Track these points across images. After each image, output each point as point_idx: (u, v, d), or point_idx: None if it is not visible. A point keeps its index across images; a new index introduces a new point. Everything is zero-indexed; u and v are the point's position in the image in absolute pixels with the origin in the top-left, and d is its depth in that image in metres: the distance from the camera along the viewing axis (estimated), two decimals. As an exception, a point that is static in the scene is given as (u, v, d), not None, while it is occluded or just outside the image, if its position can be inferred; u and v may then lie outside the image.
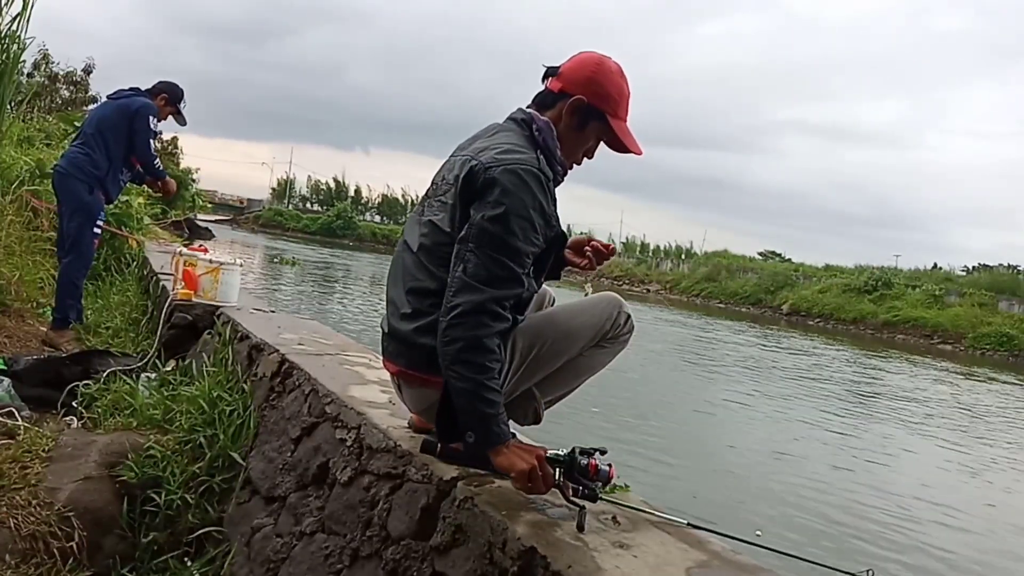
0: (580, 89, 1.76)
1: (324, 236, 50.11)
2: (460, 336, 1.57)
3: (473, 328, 1.57)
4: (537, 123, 1.76)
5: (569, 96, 1.76)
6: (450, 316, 1.58)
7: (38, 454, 2.54)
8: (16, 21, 4.85)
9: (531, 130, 1.76)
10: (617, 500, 1.74)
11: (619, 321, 1.82)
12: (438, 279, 1.70)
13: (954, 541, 5.45)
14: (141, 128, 4.58)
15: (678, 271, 40.68)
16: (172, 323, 3.76)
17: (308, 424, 2.35)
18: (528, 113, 1.80)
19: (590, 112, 1.76)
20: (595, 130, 1.80)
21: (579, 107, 1.76)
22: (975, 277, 32.62)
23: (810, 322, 29.61)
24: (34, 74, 16.76)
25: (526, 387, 1.79)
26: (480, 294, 1.58)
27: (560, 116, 1.78)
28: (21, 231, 5.93)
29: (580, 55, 1.82)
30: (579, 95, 1.75)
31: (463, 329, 1.57)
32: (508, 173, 1.61)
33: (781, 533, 4.89)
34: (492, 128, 1.82)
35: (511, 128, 1.78)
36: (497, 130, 1.79)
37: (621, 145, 1.82)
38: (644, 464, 6.00)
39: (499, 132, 1.77)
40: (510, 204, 1.60)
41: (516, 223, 1.60)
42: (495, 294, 1.59)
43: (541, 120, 1.77)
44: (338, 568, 1.91)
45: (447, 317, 1.59)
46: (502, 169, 1.62)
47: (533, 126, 1.76)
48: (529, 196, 1.62)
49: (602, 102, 1.76)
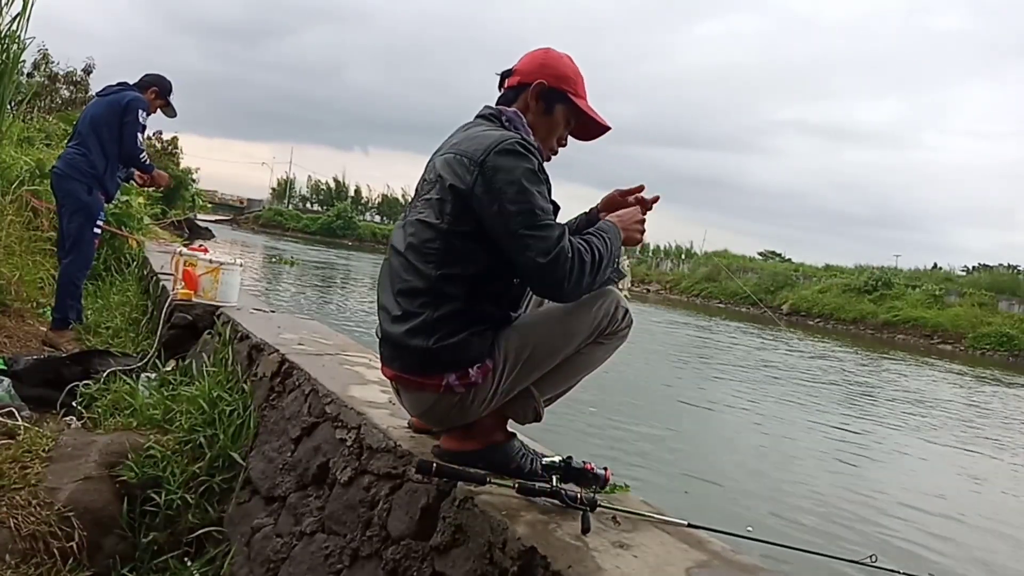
0: (538, 75, 1.84)
1: (324, 236, 50.10)
2: (565, 275, 1.62)
3: (564, 263, 1.61)
4: (506, 114, 1.84)
5: (529, 85, 1.84)
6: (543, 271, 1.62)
7: (38, 454, 2.53)
8: (16, 21, 4.86)
9: (501, 121, 1.83)
10: (617, 501, 1.74)
11: (617, 316, 1.82)
12: (426, 277, 1.71)
13: (955, 538, 5.45)
14: (130, 121, 4.59)
15: (678, 271, 40.68)
16: (172, 323, 3.76)
17: (308, 424, 2.35)
18: (495, 108, 1.87)
19: (553, 94, 1.84)
20: (562, 112, 1.87)
21: (542, 91, 1.84)
22: (975, 277, 32.60)
23: (810, 322, 29.59)
24: (34, 74, 16.73)
25: (524, 385, 1.79)
26: (546, 242, 1.61)
27: (527, 105, 1.86)
28: (21, 231, 5.93)
29: (527, 53, 1.91)
30: (539, 80, 1.83)
31: (561, 270, 1.61)
32: (499, 155, 1.66)
33: (782, 529, 4.89)
34: (464, 126, 1.87)
35: (481, 123, 1.84)
36: (469, 127, 1.85)
37: (590, 128, 1.92)
38: (644, 464, 6.00)
39: (471, 128, 1.83)
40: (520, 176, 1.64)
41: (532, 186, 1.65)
42: (553, 234, 1.63)
43: (509, 111, 1.84)
44: (338, 568, 1.91)
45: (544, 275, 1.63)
46: (493, 154, 1.67)
47: (502, 117, 1.83)
48: (526, 162, 1.67)
49: (562, 82, 1.85)
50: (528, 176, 1.65)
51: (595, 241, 1.71)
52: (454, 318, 1.70)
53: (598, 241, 1.72)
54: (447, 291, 1.70)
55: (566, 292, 1.67)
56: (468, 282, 1.71)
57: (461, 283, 1.70)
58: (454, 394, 1.72)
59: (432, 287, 1.70)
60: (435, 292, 1.70)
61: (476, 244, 1.70)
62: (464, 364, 1.70)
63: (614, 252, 1.76)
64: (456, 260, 1.70)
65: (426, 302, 1.70)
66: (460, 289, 1.70)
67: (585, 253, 1.66)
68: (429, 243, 1.72)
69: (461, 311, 1.70)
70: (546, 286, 1.69)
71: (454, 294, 1.70)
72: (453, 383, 1.71)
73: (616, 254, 1.78)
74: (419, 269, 1.73)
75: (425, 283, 1.71)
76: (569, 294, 1.68)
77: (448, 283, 1.70)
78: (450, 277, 1.70)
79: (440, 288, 1.70)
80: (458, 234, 1.70)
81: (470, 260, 1.71)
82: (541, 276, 1.64)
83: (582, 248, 1.67)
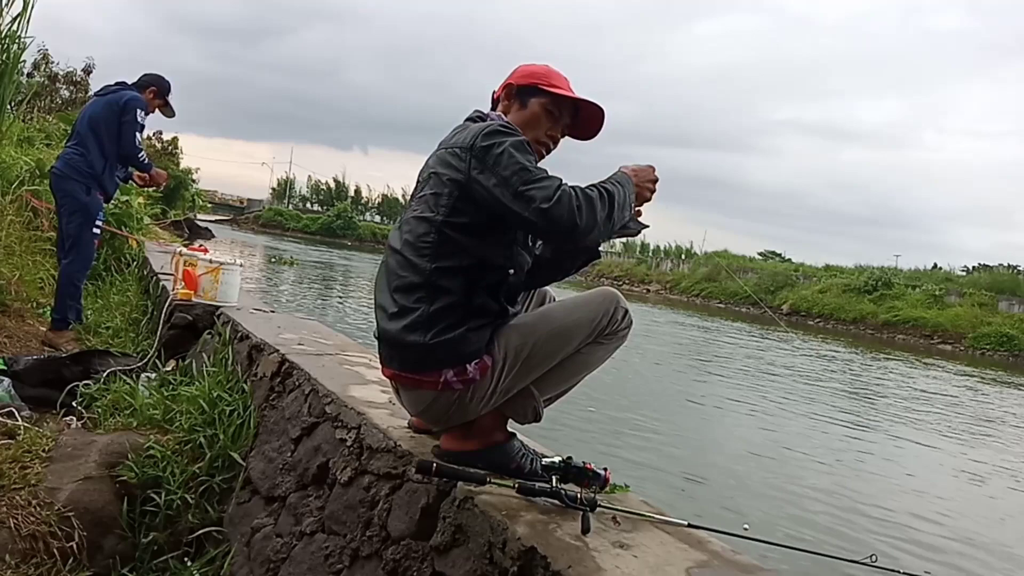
0: (508, 81, 1.96)
1: (324, 236, 50.09)
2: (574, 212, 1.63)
3: (570, 201, 1.63)
4: (490, 116, 1.90)
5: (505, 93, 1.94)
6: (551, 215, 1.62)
7: (38, 454, 2.54)
8: (16, 21, 4.86)
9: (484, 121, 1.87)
10: (617, 501, 1.74)
11: (616, 316, 1.82)
12: (422, 271, 1.72)
13: (956, 538, 5.45)
14: (128, 120, 4.60)
15: (678, 271, 40.66)
16: (172, 323, 3.76)
17: (308, 424, 2.35)
18: (481, 112, 1.94)
19: (524, 89, 1.92)
20: (539, 104, 1.91)
21: (512, 91, 1.93)
22: (975, 277, 32.58)
23: (810, 322, 29.58)
24: (34, 74, 16.72)
25: (524, 384, 1.79)
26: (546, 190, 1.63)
27: (506, 109, 1.93)
28: (21, 231, 5.93)
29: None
30: (508, 83, 1.95)
31: (568, 208, 1.62)
32: (487, 136, 1.72)
33: (783, 529, 4.89)
34: (454, 130, 1.91)
35: (468, 125, 1.88)
36: (458, 129, 1.89)
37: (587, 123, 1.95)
38: (644, 463, 6.00)
39: (460, 130, 1.87)
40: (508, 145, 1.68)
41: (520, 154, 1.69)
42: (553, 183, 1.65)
43: (493, 113, 1.92)
44: (338, 568, 1.91)
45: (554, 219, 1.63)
46: (481, 136, 1.72)
47: (487, 119, 1.88)
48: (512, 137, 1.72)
49: (530, 78, 1.92)
50: (516, 145, 1.70)
51: (604, 184, 1.74)
52: (451, 312, 1.70)
53: (607, 184, 1.74)
54: (443, 284, 1.71)
55: (581, 229, 1.65)
56: (464, 274, 1.72)
57: (457, 275, 1.71)
58: (452, 391, 1.73)
59: (428, 281, 1.71)
60: (431, 286, 1.71)
61: (470, 236, 1.72)
62: (462, 360, 1.71)
63: (627, 197, 1.76)
64: (451, 252, 1.72)
65: (422, 296, 1.71)
66: (456, 282, 1.71)
67: (591, 191, 1.68)
68: (424, 237, 1.74)
69: (458, 304, 1.71)
70: (559, 230, 1.65)
71: (450, 287, 1.71)
72: (451, 379, 1.71)
73: (630, 200, 1.78)
74: (415, 264, 1.74)
75: (421, 277, 1.72)
76: (586, 231, 1.66)
77: (444, 276, 1.71)
78: (445, 270, 1.71)
79: (436, 281, 1.71)
80: (453, 225, 1.72)
81: (465, 252, 1.72)
82: (549, 220, 1.63)
83: (587, 190, 1.69)
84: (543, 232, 1.76)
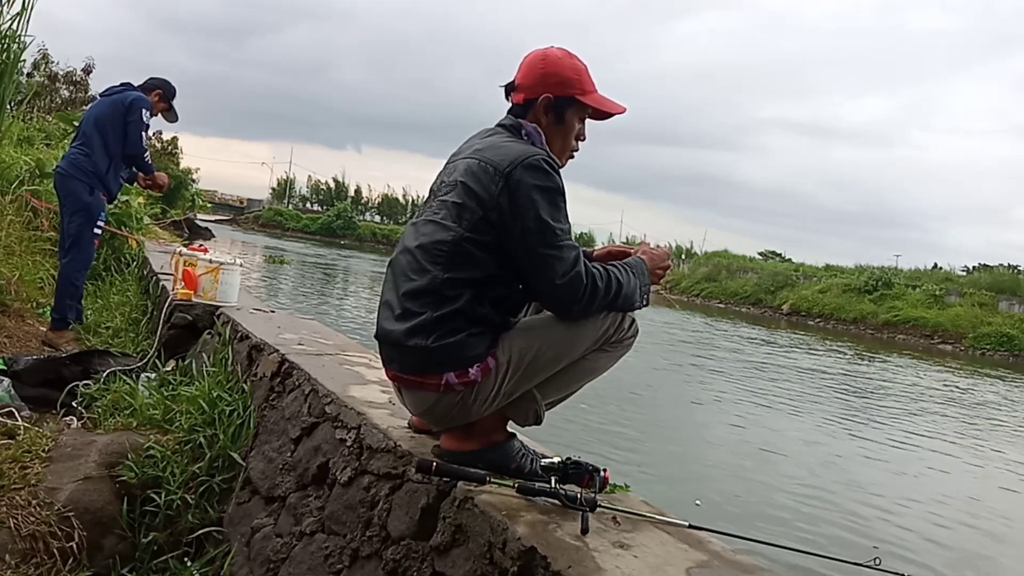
0: (541, 89, 1.84)
1: (324, 236, 50.07)
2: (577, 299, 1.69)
3: (578, 287, 1.69)
4: (526, 128, 1.85)
5: (535, 100, 1.85)
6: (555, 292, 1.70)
7: (38, 454, 2.53)
8: (16, 21, 4.85)
9: (520, 134, 1.84)
10: (617, 501, 1.74)
11: (623, 325, 1.82)
12: (432, 277, 1.72)
13: (956, 538, 5.45)
14: (134, 120, 4.60)
15: (678, 271, 40.61)
16: (172, 323, 3.76)
17: (308, 424, 2.35)
18: (516, 120, 1.87)
19: (561, 103, 1.85)
20: (574, 115, 1.89)
21: (549, 104, 1.85)
22: (975, 277, 32.56)
23: (810, 322, 29.56)
24: (34, 74, 16.73)
25: (527, 388, 1.79)
26: (563, 264, 1.68)
27: (538, 120, 1.86)
28: (21, 231, 5.93)
29: (524, 61, 1.90)
30: (544, 95, 1.84)
31: (571, 293, 1.69)
32: (527, 169, 1.69)
33: (784, 530, 4.89)
34: (484, 132, 1.89)
35: (502, 132, 1.86)
36: (490, 133, 1.87)
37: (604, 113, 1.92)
38: (644, 463, 6.00)
39: (493, 135, 1.85)
40: (544, 197, 1.69)
41: (552, 210, 1.70)
42: (570, 256, 1.69)
43: (529, 126, 1.86)
44: (338, 568, 1.91)
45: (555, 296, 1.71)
46: (520, 167, 1.69)
47: (522, 131, 1.85)
48: (551, 181, 1.71)
49: (565, 88, 1.85)
50: (552, 196, 1.70)
51: (616, 271, 1.77)
52: (454, 318, 1.70)
53: (619, 272, 1.77)
54: (450, 293, 1.71)
55: (574, 314, 1.73)
56: (473, 286, 1.72)
57: (466, 286, 1.71)
58: (455, 393, 1.73)
59: (437, 289, 1.71)
60: (439, 294, 1.71)
61: (488, 253, 1.72)
62: (463, 363, 1.70)
63: (637, 288, 1.81)
64: (464, 264, 1.71)
65: (428, 302, 1.71)
66: (463, 292, 1.71)
67: (599, 280, 1.72)
68: (440, 245, 1.73)
69: (461, 312, 1.70)
70: (556, 305, 1.75)
71: (457, 296, 1.70)
72: (453, 382, 1.71)
73: (641, 289, 1.83)
74: (426, 269, 1.73)
75: (430, 284, 1.72)
76: (576, 316, 1.74)
77: (453, 286, 1.71)
78: (456, 281, 1.71)
79: (444, 290, 1.71)
80: (473, 241, 1.71)
81: (478, 266, 1.72)
82: (552, 295, 1.72)
83: (597, 275, 1.72)
84: (538, 297, 1.82)
